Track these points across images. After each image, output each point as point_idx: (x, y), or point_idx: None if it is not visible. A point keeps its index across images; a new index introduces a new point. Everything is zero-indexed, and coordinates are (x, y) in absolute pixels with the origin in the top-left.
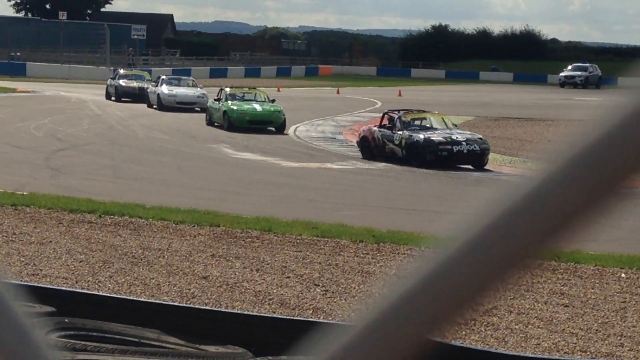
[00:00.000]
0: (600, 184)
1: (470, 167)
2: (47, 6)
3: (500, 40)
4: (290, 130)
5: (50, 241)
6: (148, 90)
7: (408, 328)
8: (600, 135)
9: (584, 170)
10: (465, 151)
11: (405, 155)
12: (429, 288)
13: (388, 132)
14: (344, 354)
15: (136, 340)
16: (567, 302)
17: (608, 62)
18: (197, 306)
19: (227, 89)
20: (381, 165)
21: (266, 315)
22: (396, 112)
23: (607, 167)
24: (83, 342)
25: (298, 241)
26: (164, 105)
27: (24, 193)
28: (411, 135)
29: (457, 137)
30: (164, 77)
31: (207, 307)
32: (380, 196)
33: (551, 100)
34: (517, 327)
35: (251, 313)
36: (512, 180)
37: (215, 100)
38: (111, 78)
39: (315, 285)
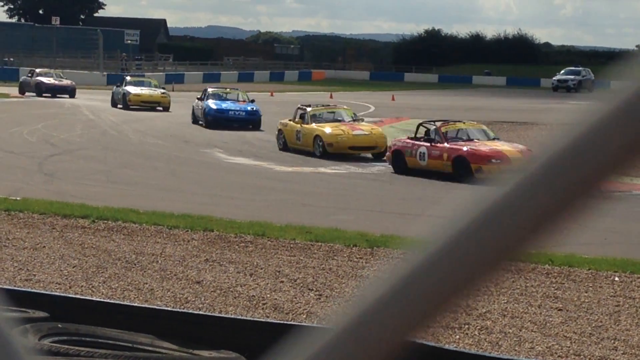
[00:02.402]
0: (575, 187)
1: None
2: (41, 11)
3: (493, 45)
4: None
5: (44, 246)
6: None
7: (386, 330)
8: (575, 137)
9: (560, 173)
10: None
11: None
12: (407, 290)
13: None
14: (322, 356)
15: (130, 345)
16: (560, 305)
17: (601, 65)
18: (190, 311)
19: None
20: (375, 169)
21: (260, 320)
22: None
23: (583, 170)
24: (76, 348)
25: (292, 246)
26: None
27: (17, 198)
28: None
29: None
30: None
31: (200, 312)
32: (374, 200)
33: (544, 105)
34: (510, 331)
35: (245, 318)
36: (492, 183)
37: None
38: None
39: (309, 289)
